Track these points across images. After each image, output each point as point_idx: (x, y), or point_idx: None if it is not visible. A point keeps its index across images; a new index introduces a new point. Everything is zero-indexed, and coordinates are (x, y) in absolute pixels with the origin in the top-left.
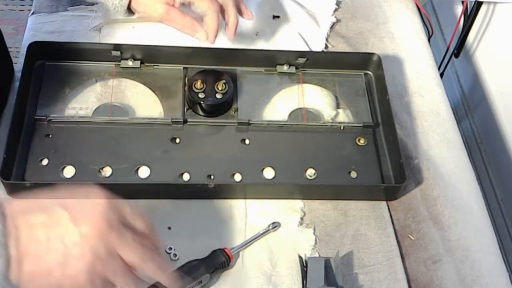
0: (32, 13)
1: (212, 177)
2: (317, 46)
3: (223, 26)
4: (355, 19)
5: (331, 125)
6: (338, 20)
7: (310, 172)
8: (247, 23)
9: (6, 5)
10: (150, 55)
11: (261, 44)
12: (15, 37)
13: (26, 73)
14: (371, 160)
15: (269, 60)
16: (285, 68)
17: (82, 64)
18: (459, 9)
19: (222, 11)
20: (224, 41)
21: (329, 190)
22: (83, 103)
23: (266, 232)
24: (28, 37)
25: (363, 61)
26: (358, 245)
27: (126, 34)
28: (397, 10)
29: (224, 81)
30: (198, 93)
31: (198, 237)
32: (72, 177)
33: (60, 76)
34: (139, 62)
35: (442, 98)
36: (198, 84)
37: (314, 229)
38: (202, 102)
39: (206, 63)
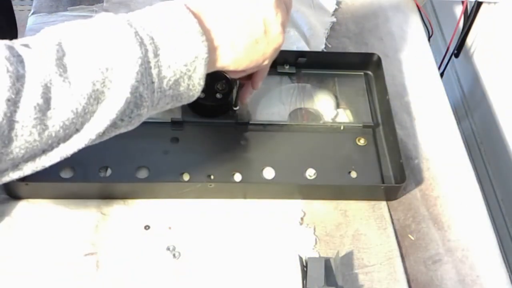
0: (32, 13)
1: (212, 177)
2: (317, 46)
3: None
4: (355, 19)
5: (331, 125)
6: (338, 20)
7: (310, 172)
8: None
9: None
10: None
11: None
12: None
13: None
14: (371, 160)
15: None
16: (285, 68)
17: None
18: (459, 9)
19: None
20: None
21: (329, 190)
22: None
23: None
24: None
25: (363, 61)
26: (358, 245)
27: None
28: (397, 10)
29: (224, 81)
30: None
31: (198, 237)
32: (71, 177)
33: None
34: None
35: (442, 98)
36: None
37: (314, 229)
38: (202, 102)
39: None
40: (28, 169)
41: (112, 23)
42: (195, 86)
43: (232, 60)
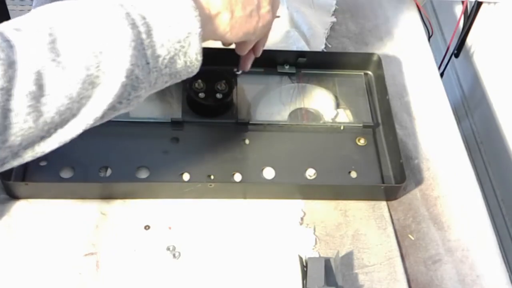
0: None
1: (212, 177)
2: (317, 46)
3: None
4: (355, 19)
5: (331, 125)
6: (338, 20)
7: (310, 172)
8: None
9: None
10: None
11: None
12: None
13: None
14: (371, 160)
15: (269, 60)
16: (285, 68)
17: None
18: (459, 9)
19: None
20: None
21: (329, 190)
22: None
23: None
24: None
25: (363, 61)
26: (358, 245)
27: None
28: (397, 10)
29: (224, 81)
30: (198, 93)
31: (198, 237)
32: (71, 177)
33: None
34: None
35: (442, 98)
36: (198, 84)
37: (314, 229)
38: (202, 102)
39: (206, 63)
40: (28, 156)
41: (104, 4)
42: (192, 62)
43: (230, 27)
